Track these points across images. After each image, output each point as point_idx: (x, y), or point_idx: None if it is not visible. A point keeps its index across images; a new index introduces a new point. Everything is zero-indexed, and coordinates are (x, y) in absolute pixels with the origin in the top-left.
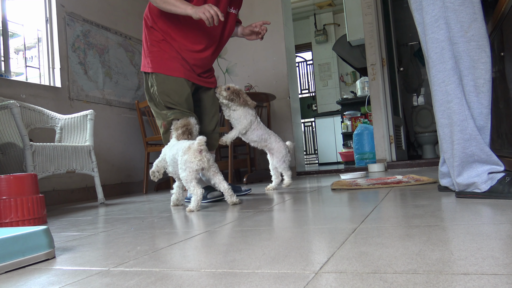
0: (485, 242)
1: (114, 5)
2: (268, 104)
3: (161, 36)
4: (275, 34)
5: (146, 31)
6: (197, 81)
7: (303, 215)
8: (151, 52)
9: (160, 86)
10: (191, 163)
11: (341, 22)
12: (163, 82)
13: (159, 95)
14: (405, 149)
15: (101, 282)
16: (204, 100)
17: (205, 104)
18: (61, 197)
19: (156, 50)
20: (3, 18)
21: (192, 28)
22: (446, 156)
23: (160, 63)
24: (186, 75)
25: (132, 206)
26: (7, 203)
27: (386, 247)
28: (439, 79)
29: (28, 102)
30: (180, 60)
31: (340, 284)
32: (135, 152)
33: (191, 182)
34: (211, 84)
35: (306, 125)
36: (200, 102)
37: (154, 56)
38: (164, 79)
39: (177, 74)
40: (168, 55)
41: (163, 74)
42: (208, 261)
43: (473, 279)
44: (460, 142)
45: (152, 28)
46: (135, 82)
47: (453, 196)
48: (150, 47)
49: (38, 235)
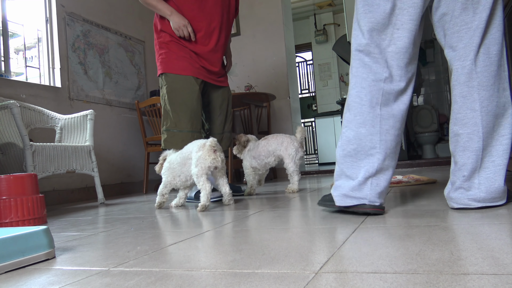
0: (485, 242)
1: (114, 5)
2: (268, 104)
3: (169, 37)
4: (275, 34)
5: (156, 35)
6: (206, 79)
7: (303, 215)
8: (160, 55)
9: (169, 85)
10: (205, 160)
11: (341, 22)
12: (172, 81)
13: (167, 94)
14: (405, 149)
15: (101, 282)
16: (213, 99)
17: (214, 104)
18: (61, 197)
19: (164, 52)
20: (3, 18)
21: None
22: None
23: (168, 63)
24: (194, 72)
25: (132, 206)
26: (7, 203)
27: (386, 247)
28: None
29: (28, 102)
30: (188, 59)
31: (340, 284)
32: (135, 152)
33: (202, 177)
34: (221, 83)
35: (306, 125)
36: (209, 101)
37: (163, 58)
38: (173, 78)
39: (185, 72)
40: (176, 55)
41: (172, 74)
42: (208, 261)
43: (473, 279)
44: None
45: (161, 31)
46: (135, 82)
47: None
48: (159, 50)
49: (38, 235)
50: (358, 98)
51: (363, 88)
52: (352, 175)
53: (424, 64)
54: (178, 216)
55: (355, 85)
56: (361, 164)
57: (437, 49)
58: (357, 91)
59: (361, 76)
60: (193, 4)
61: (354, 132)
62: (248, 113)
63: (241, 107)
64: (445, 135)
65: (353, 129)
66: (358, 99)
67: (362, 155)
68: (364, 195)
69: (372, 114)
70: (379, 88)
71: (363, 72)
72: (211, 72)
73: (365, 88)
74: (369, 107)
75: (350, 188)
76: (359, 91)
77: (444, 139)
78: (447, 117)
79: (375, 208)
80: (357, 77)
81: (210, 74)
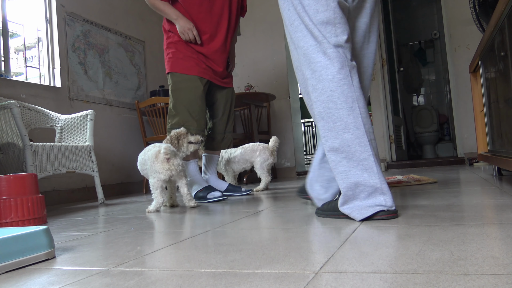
0: (485, 242)
1: (114, 5)
2: (268, 104)
3: (177, 37)
4: (275, 34)
5: (165, 36)
6: (212, 79)
7: (303, 215)
8: (168, 54)
9: (175, 84)
10: (160, 174)
11: None
12: (178, 80)
13: (172, 92)
14: (405, 149)
15: (101, 282)
16: (218, 100)
17: (219, 104)
18: (61, 197)
19: (172, 51)
20: (3, 18)
21: (195, 20)
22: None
23: (175, 63)
24: (200, 72)
25: (132, 206)
26: (7, 203)
27: (386, 247)
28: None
29: (28, 102)
30: (195, 59)
31: (340, 284)
32: (135, 152)
33: (157, 190)
34: (226, 84)
35: (306, 125)
36: (214, 101)
37: (170, 57)
38: (179, 77)
39: (191, 72)
40: (183, 55)
41: (178, 73)
42: (208, 261)
43: (473, 279)
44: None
45: (169, 32)
46: (135, 82)
47: (454, 196)
48: (167, 50)
49: (38, 235)
50: (332, 103)
51: (333, 91)
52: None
53: (424, 64)
54: (178, 216)
55: (323, 91)
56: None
57: (437, 49)
58: (327, 96)
59: (326, 78)
60: (200, 7)
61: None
62: (248, 113)
63: (241, 107)
64: (445, 135)
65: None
66: (332, 104)
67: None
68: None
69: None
70: (348, 82)
71: (327, 73)
72: (217, 72)
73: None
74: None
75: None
76: (329, 95)
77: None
78: (447, 117)
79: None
80: (323, 81)
81: (215, 75)
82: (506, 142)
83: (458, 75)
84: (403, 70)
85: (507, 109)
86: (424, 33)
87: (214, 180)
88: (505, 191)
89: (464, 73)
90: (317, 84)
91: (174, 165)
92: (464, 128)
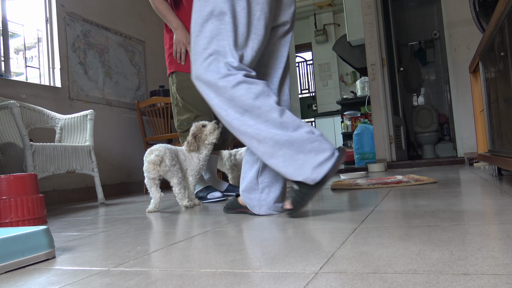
0: (485, 242)
1: (114, 5)
2: None
3: None
4: None
5: (167, 35)
6: None
7: (303, 215)
8: (170, 54)
9: (179, 83)
10: (149, 173)
11: (341, 22)
12: (183, 79)
13: (177, 91)
14: (405, 149)
15: (101, 282)
16: None
17: None
18: (61, 197)
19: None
20: (3, 18)
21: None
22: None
23: (178, 62)
24: None
25: (132, 206)
26: (7, 203)
27: (386, 247)
28: None
29: (28, 102)
30: None
31: (340, 284)
32: (135, 152)
33: (151, 188)
34: None
35: None
36: None
37: (172, 56)
38: (184, 76)
39: None
40: (187, 54)
41: (181, 72)
42: (208, 261)
43: (473, 279)
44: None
45: (172, 31)
46: (135, 82)
47: (454, 196)
48: (169, 49)
49: (38, 235)
50: (265, 133)
51: (265, 122)
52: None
53: (424, 64)
54: (178, 216)
55: (256, 125)
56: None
57: (437, 49)
58: (263, 127)
59: (256, 111)
60: None
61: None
62: None
63: None
64: (445, 135)
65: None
66: (265, 133)
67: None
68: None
69: (287, 137)
70: (271, 106)
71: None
72: None
73: (267, 122)
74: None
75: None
76: (263, 128)
77: (444, 139)
78: (447, 117)
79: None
80: (250, 113)
81: None
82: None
83: (458, 75)
84: (403, 70)
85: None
86: (424, 33)
87: (214, 180)
88: (505, 191)
89: (464, 73)
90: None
91: (163, 166)
92: (464, 128)
